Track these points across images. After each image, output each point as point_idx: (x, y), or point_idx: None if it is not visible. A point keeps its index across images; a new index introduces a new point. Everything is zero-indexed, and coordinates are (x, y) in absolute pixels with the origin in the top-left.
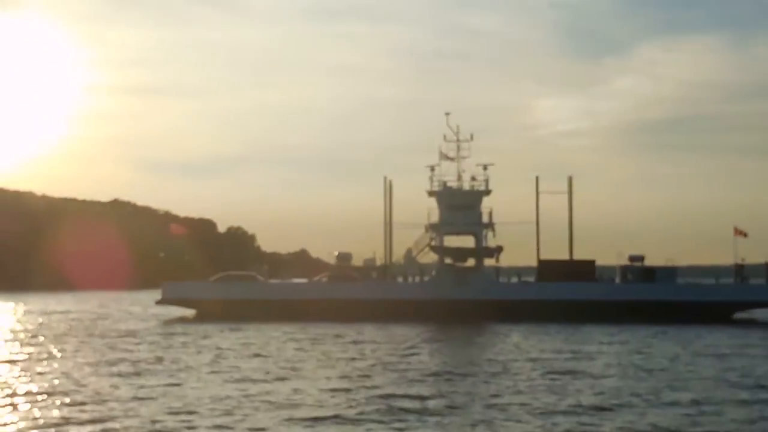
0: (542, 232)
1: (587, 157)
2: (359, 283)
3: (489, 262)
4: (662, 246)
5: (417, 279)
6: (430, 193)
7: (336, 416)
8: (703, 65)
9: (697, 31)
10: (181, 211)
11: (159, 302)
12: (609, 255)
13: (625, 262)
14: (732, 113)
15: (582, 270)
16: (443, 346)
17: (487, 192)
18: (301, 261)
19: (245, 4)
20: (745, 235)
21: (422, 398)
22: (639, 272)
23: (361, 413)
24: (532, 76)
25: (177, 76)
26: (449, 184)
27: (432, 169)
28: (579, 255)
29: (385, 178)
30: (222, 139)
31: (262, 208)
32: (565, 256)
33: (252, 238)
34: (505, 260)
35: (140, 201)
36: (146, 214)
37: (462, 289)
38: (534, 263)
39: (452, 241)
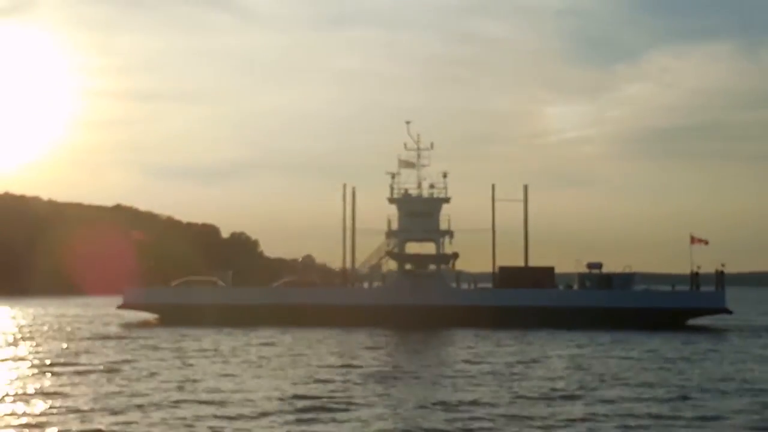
0: (509, 239)
1: (595, 164)
2: (318, 288)
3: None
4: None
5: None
6: (391, 201)
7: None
8: (713, 72)
9: (707, 38)
10: (185, 216)
11: (120, 307)
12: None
13: (583, 269)
14: (742, 120)
15: (540, 277)
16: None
17: (447, 199)
18: (307, 267)
19: (255, 10)
20: (706, 242)
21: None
22: (596, 279)
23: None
24: (541, 83)
25: (185, 82)
26: (411, 191)
27: (393, 176)
28: (559, 262)
29: (344, 185)
30: (229, 144)
31: (266, 213)
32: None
33: (255, 243)
34: (466, 266)
35: (145, 206)
36: (148, 219)
37: (419, 294)
38: (491, 270)
39: (414, 248)
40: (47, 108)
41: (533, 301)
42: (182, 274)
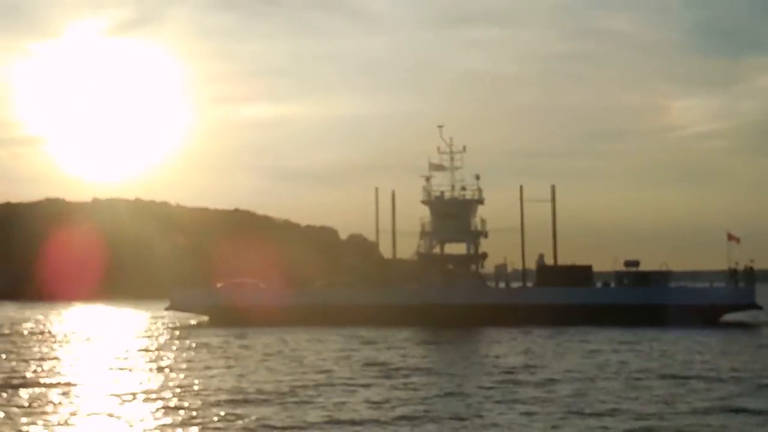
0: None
1: (724, 158)
2: (357, 289)
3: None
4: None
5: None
6: (424, 202)
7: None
8: None
9: None
10: (303, 219)
11: (168, 308)
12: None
13: (620, 267)
14: None
15: (578, 275)
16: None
17: (480, 201)
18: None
19: (375, 12)
20: (738, 240)
21: None
22: (632, 277)
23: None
24: (666, 77)
25: (306, 86)
26: (445, 193)
27: (427, 179)
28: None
29: (376, 188)
30: (349, 147)
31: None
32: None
33: (373, 245)
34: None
35: (266, 209)
36: (264, 223)
37: (451, 294)
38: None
39: (453, 248)
40: (173, 114)
41: (570, 298)
42: (302, 277)
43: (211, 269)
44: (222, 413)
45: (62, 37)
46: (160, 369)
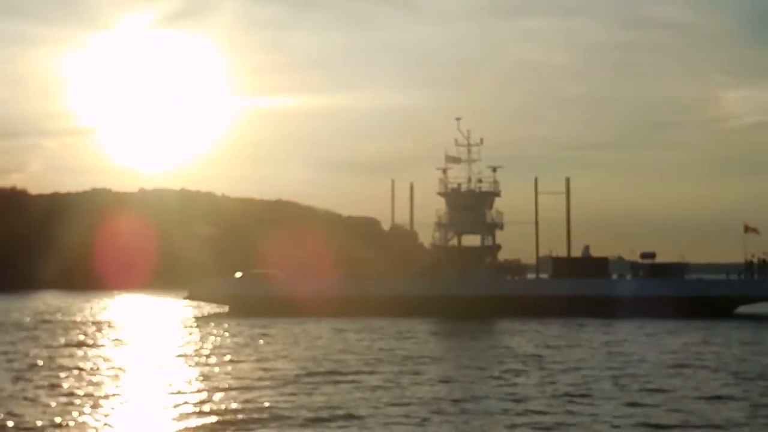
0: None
1: None
2: (373, 280)
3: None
4: None
5: None
6: (440, 194)
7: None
8: None
9: None
10: (346, 210)
11: (186, 298)
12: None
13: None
14: None
15: (594, 267)
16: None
17: (496, 193)
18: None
19: (427, 2)
20: (757, 232)
21: None
22: (648, 269)
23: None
24: (722, 67)
25: (354, 77)
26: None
27: (444, 171)
28: None
29: (392, 181)
30: (397, 138)
31: (430, 205)
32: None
33: (414, 234)
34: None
35: (311, 200)
36: (307, 213)
37: (464, 285)
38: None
39: (470, 240)
40: (220, 105)
41: (586, 290)
42: (340, 267)
43: (254, 258)
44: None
45: (112, 28)
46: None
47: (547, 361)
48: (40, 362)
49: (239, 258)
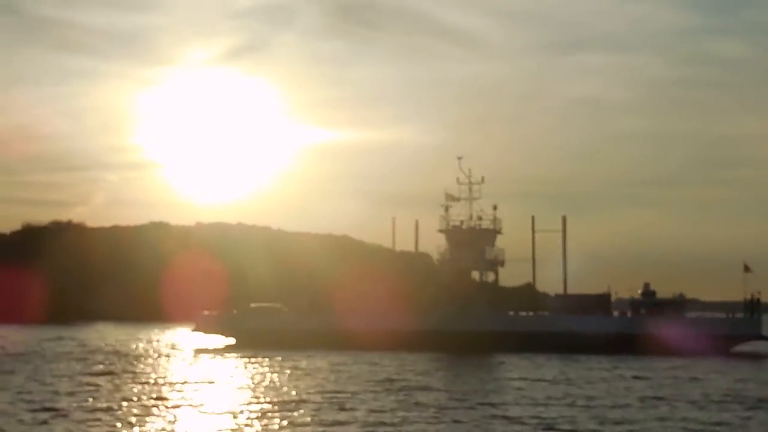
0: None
1: None
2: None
3: None
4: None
5: None
6: (441, 231)
7: None
8: None
9: None
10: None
11: (194, 330)
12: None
13: (637, 295)
14: None
15: (594, 303)
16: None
17: (497, 231)
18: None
19: (483, 38)
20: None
21: None
22: (648, 305)
23: None
24: None
25: (415, 111)
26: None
27: (446, 209)
28: None
29: (393, 219)
30: (446, 173)
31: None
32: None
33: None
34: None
35: (362, 235)
36: (358, 247)
37: (463, 320)
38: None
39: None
40: (279, 139)
41: (578, 326)
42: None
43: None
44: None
45: (175, 64)
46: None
47: None
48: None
49: (291, 289)
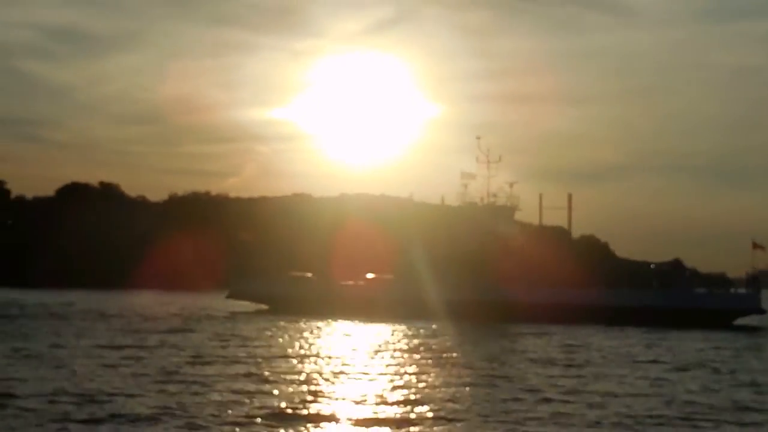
0: None
1: None
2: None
3: None
4: None
5: None
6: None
7: None
8: None
9: None
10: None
11: (228, 297)
12: None
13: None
14: None
15: None
16: None
17: (515, 207)
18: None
19: (639, 7)
20: (763, 248)
21: None
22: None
23: None
24: None
25: (563, 84)
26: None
27: (465, 186)
28: None
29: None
30: (606, 146)
31: (631, 216)
32: None
33: (605, 246)
34: None
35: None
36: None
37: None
38: None
39: None
40: (424, 111)
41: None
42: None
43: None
44: None
45: (324, 36)
46: None
47: None
48: None
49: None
